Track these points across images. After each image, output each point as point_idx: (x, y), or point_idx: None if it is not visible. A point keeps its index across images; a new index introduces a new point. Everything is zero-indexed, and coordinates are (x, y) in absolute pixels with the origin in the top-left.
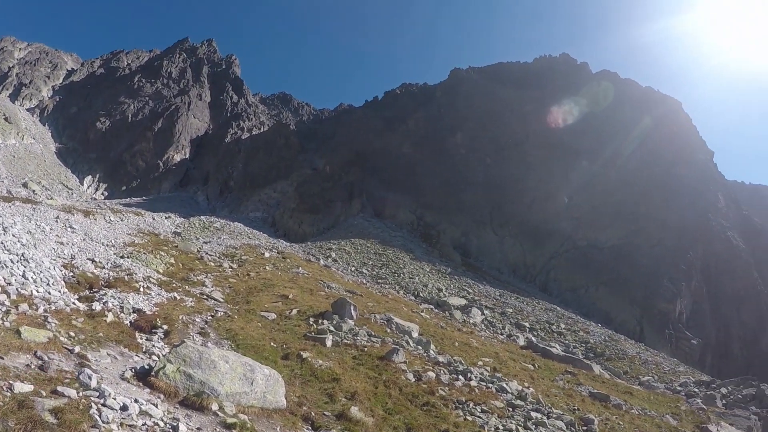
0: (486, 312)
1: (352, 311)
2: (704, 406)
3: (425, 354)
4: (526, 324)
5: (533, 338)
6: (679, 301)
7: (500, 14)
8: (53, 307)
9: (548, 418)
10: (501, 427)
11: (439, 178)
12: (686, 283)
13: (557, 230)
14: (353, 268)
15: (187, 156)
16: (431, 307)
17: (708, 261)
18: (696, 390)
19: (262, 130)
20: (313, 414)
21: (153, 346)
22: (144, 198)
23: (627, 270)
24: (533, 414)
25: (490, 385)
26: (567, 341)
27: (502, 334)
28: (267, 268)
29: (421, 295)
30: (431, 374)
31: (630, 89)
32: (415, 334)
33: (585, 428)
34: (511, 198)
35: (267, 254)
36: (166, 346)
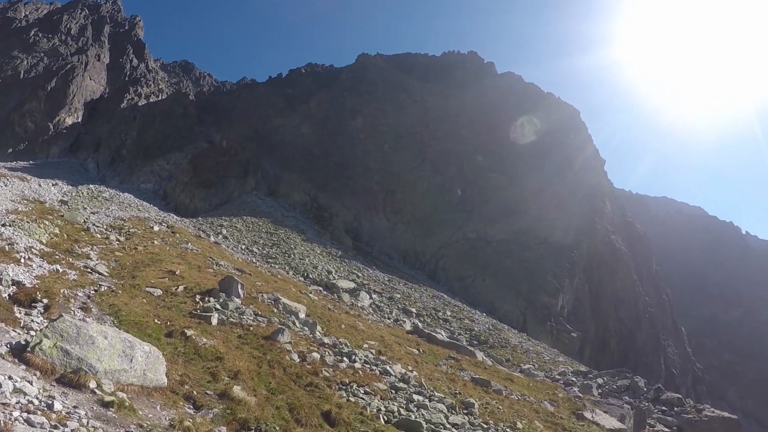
0: (374, 296)
1: (240, 290)
2: (581, 394)
3: (311, 335)
4: (413, 309)
5: (419, 324)
6: (561, 296)
7: (419, 4)
8: None
9: (430, 401)
10: (383, 409)
11: (336, 160)
12: (569, 280)
13: (449, 221)
14: (244, 246)
15: (80, 120)
16: (320, 289)
17: (591, 261)
18: (574, 379)
19: (160, 98)
20: (195, 393)
21: (32, 320)
22: (31, 162)
23: (513, 264)
24: (415, 397)
25: (374, 367)
26: (452, 328)
27: (389, 319)
28: (155, 242)
29: (311, 276)
30: (316, 355)
31: (531, 91)
32: (302, 315)
33: (465, 411)
34: (405, 186)
35: (156, 228)
36: (45, 320)
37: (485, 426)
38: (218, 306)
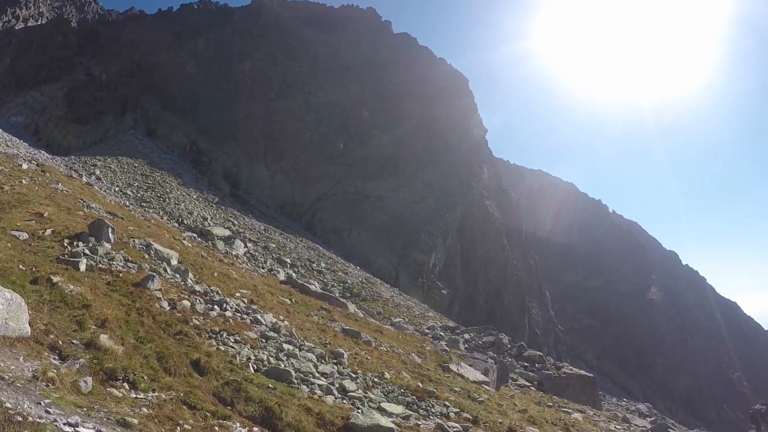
0: (249, 245)
1: (110, 234)
2: (448, 348)
3: (182, 283)
4: (288, 260)
5: (293, 274)
6: (434, 255)
7: None
8: None
9: (300, 350)
10: (253, 357)
11: (219, 104)
12: (443, 239)
13: (328, 173)
14: (117, 189)
15: None
16: (194, 235)
17: (465, 223)
18: (442, 334)
19: (39, 23)
20: (60, 342)
21: None
22: None
23: (390, 220)
24: (285, 346)
25: (246, 316)
26: (326, 280)
27: (263, 268)
28: (23, 181)
29: (186, 222)
30: (186, 303)
31: (423, 54)
32: (174, 262)
33: (335, 361)
34: (288, 135)
35: (25, 166)
36: None
37: (353, 375)
38: (87, 251)
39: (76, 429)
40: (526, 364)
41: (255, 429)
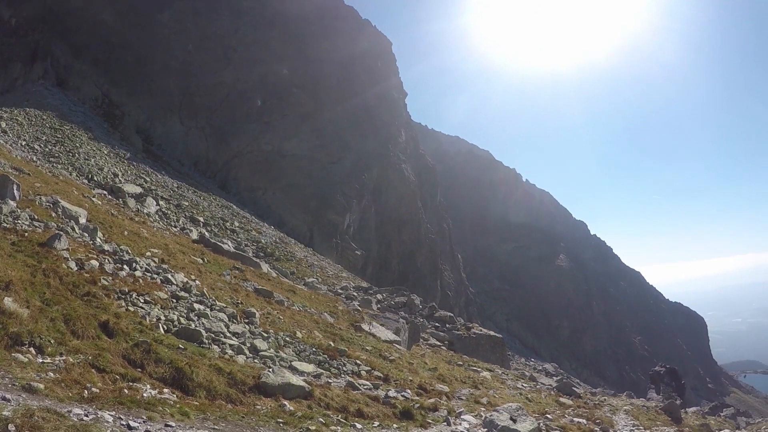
0: (161, 203)
1: (15, 191)
2: (360, 308)
3: (91, 242)
4: (201, 218)
5: (206, 233)
6: (348, 216)
7: None
8: None
9: (211, 310)
10: (163, 318)
11: (134, 55)
12: (357, 200)
13: (245, 131)
14: (24, 143)
15: None
16: (104, 192)
17: (380, 185)
18: (355, 294)
19: None
20: None
21: None
22: None
23: (305, 180)
24: (196, 306)
25: (156, 276)
26: (239, 239)
27: (175, 227)
28: None
29: (96, 179)
30: (95, 263)
31: (348, 14)
32: (82, 220)
33: (246, 320)
34: (204, 91)
35: None
36: None
37: (265, 335)
38: None
39: None
40: (437, 324)
41: (165, 390)
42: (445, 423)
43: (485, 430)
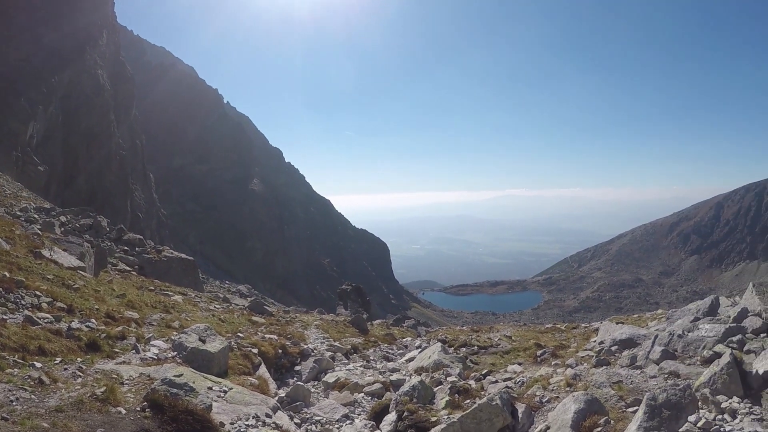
0: None
1: None
2: (40, 232)
3: None
4: None
5: None
6: (32, 125)
7: None
8: None
9: None
10: None
11: None
12: (44, 107)
13: None
14: None
15: None
16: None
17: (71, 91)
18: (36, 216)
19: None
20: None
21: None
22: None
23: None
24: None
25: None
26: None
27: None
28: None
29: None
30: None
31: None
32: None
33: None
34: None
35: None
36: None
37: None
38: None
39: None
40: (126, 248)
41: None
42: (134, 351)
43: (175, 353)
